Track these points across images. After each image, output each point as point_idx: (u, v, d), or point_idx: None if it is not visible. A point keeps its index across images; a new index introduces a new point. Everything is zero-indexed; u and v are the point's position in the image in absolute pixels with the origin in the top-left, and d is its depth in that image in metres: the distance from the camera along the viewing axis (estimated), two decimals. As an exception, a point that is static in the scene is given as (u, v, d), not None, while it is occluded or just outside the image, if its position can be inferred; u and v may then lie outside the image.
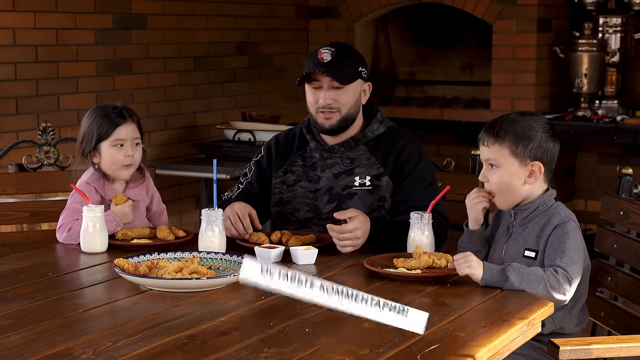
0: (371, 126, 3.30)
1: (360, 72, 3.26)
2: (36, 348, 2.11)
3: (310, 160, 3.33)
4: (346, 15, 6.79)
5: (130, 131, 3.23)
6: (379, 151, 3.27)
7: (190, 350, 2.11)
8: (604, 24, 6.32)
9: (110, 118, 3.21)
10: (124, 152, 3.21)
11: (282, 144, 3.39)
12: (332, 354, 2.09)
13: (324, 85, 3.21)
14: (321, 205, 3.27)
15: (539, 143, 2.78)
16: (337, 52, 3.21)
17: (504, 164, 2.80)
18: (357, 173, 3.25)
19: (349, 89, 3.22)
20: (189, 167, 5.44)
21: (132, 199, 3.26)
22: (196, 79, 5.90)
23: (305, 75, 3.21)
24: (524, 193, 2.82)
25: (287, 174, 3.34)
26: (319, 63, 3.19)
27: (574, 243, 2.72)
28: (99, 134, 3.21)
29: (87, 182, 3.23)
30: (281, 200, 3.32)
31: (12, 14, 4.78)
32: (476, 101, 6.70)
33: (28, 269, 2.86)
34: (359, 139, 3.29)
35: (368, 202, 3.23)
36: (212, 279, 2.57)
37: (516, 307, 2.46)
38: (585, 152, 6.69)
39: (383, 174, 3.24)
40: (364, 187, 3.24)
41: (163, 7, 5.61)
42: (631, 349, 2.54)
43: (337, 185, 3.26)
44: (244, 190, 3.37)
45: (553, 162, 2.84)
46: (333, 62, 3.18)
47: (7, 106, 4.77)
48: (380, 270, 2.73)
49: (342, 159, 3.28)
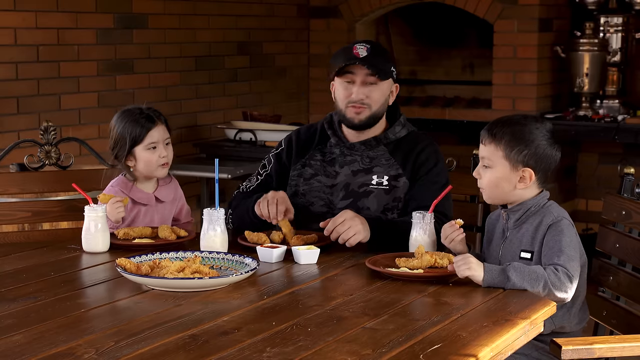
0: (394, 128, 3.32)
1: (392, 72, 3.29)
2: (38, 348, 2.11)
3: (330, 155, 3.34)
4: (347, 14, 6.79)
5: (161, 132, 3.31)
6: (398, 153, 3.29)
7: (192, 349, 2.11)
8: (605, 24, 6.32)
9: (141, 123, 3.28)
10: (158, 154, 3.29)
11: (303, 137, 3.41)
12: (335, 354, 2.09)
13: (357, 79, 3.23)
14: (336, 200, 3.28)
15: (535, 150, 2.77)
16: (373, 49, 3.23)
17: (496, 165, 2.80)
18: (376, 172, 3.27)
19: (381, 87, 3.24)
20: (191, 166, 5.44)
21: (161, 199, 3.35)
22: (197, 79, 5.90)
23: (341, 68, 3.21)
24: (515, 196, 2.81)
25: (305, 167, 3.35)
26: (355, 57, 3.20)
27: (570, 241, 2.71)
28: (133, 139, 3.28)
29: (112, 186, 3.30)
30: (296, 192, 3.33)
31: (13, 13, 4.78)
32: (477, 101, 6.70)
33: (30, 268, 2.86)
34: (380, 139, 3.30)
35: (383, 201, 3.24)
36: (214, 279, 2.57)
37: (518, 306, 2.46)
38: (586, 151, 6.69)
39: (401, 175, 3.26)
40: (381, 187, 3.25)
41: (164, 7, 5.61)
42: (633, 348, 2.54)
43: (354, 182, 3.27)
44: (263, 181, 3.39)
45: (549, 171, 2.82)
46: (370, 57, 3.20)
47: (8, 106, 4.76)
48: (382, 270, 2.73)
49: (362, 157, 3.30)
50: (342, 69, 3.22)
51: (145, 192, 3.34)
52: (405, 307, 2.45)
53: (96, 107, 5.16)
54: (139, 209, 3.32)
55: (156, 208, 3.35)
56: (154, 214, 3.34)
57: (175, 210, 3.42)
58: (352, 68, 3.22)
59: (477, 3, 6.37)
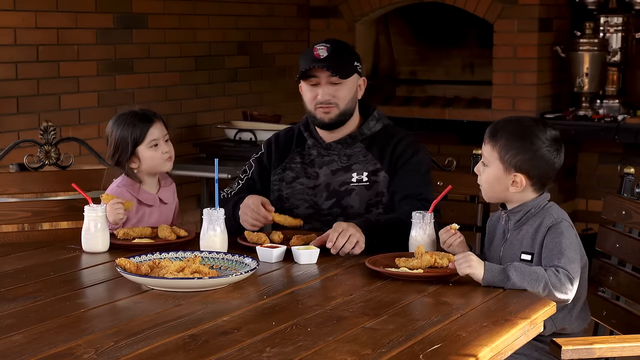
0: (367, 123, 3.33)
1: (356, 66, 3.29)
2: (38, 348, 2.11)
3: (309, 157, 3.35)
4: (347, 14, 6.79)
5: (160, 129, 3.35)
6: (375, 147, 3.30)
7: (192, 350, 2.11)
8: (605, 24, 6.32)
9: (139, 123, 3.32)
10: (161, 150, 3.33)
11: (282, 141, 3.42)
12: (335, 354, 2.08)
13: (321, 81, 3.24)
14: (321, 201, 3.29)
15: (531, 156, 2.75)
16: (333, 48, 3.24)
17: (491, 165, 2.80)
18: (355, 169, 3.28)
19: (346, 84, 3.25)
20: (190, 166, 5.44)
21: (164, 200, 3.38)
22: (197, 79, 5.90)
23: (303, 72, 3.22)
24: (513, 197, 2.81)
25: (286, 171, 3.36)
26: (315, 59, 3.21)
27: (570, 242, 2.71)
28: (134, 139, 3.30)
29: (118, 186, 3.31)
30: (280, 197, 3.33)
31: (13, 13, 4.78)
32: (477, 101, 6.69)
33: (30, 268, 2.86)
34: (355, 136, 3.31)
35: (365, 197, 3.25)
36: (214, 279, 2.57)
37: (518, 306, 2.46)
38: (586, 151, 6.69)
39: (380, 169, 3.26)
40: (361, 183, 3.26)
41: (164, 7, 5.61)
42: (633, 348, 2.54)
43: (334, 182, 3.28)
44: (244, 185, 3.39)
45: (546, 177, 2.79)
46: (330, 57, 3.22)
47: (8, 106, 4.76)
48: (382, 270, 2.73)
49: (340, 156, 3.31)
50: (305, 72, 3.23)
51: (150, 194, 3.36)
52: (405, 307, 2.45)
53: (96, 107, 5.16)
54: (144, 210, 3.32)
55: (160, 209, 3.36)
56: (157, 215, 3.36)
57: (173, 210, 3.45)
58: (314, 71, 3.23)
59: (477, 3, 6.37)
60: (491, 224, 2.96)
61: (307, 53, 3.28)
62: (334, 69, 3.21)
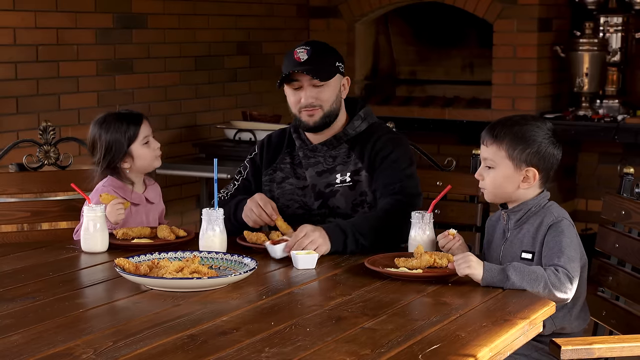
0: (352, 123, 3.32)
1: (338, 67, 3.29)
2: (37, 348, 2.10)
3: (298, 158, 3.36)
4: (347, 14, 6.79)
5: (148, 127, 3.38)
6: (357, 147, 3.29)
7: (191, 350, 2.11)
8: (605, 24, 6.32)
9: (129, 122, 3.33)
10: (152, 147, 3.35)
11: (274, 142, 3.44)
12: (334, 354, 2.08)
13: (304, 84, 3.24)
14: (310, 202, 3.30)
15: (538, 149, 2.76)
16: (313, 50, 3.23)
17: (499, 166, 2.79)
18: (338, 171, 3.28)
19: (329, 86, 3.25)
20: (190, 166, 5.44)
21: (150, 200, 3.38)
22: (197, 79, 5.89)
23: (285, 77, 3.22)
24: (517, 196, 2.81)
25: (276, 171, 3.37)
26: (296, 63, 3.21)
27: (570, 241, 2.71)
28: (129, 138, 3.31)
29: (104, 186, 3.30)
30: (272, 197, 3.33)
31: (13, 13, 4.78)
32: (477, 101, 6.69)
33: (29, 268, 2.86)
34: (340, 137, 3.31)
35: (350, 198, 3.25)
36: (213, 279, 2.57)
37: (518, 306, 2.45)
38: (586, 151, 6.68)
39: (361, 169, 3.26)
40: (345, 184, 3.26)
41: (164, 7, 5.61)
42: (633, 348, 2.53)
43: (320, 184, 3.29)
44: (240, 186, 3.40)
45: (551, 170, 2.81)
46: (310, 60, 3.21)
47: (7, 106, 4.76)
48: (381, 270, 2.73)
49: (325, 158, 3.31)
50: (287, 77, 3.23)
51: (137, 193, 3.36)
52: (404, 307, 2.45)
53: (95, 107, 5.16)
54: (131, 208, 3.32)
55: (146, 208, 3.37)
56: (144, 214, 3.36)
57: (159, 211, 3.46)
58: (295, 75, 3.23)
59: (476, 3, 6.37)
60: (490, 224, 2.96)
61: (288, 56, 3.27)
62: (315, 72, 3.20)
